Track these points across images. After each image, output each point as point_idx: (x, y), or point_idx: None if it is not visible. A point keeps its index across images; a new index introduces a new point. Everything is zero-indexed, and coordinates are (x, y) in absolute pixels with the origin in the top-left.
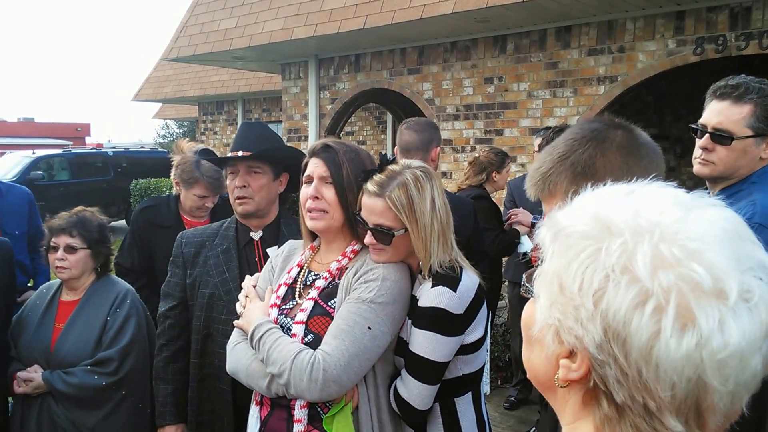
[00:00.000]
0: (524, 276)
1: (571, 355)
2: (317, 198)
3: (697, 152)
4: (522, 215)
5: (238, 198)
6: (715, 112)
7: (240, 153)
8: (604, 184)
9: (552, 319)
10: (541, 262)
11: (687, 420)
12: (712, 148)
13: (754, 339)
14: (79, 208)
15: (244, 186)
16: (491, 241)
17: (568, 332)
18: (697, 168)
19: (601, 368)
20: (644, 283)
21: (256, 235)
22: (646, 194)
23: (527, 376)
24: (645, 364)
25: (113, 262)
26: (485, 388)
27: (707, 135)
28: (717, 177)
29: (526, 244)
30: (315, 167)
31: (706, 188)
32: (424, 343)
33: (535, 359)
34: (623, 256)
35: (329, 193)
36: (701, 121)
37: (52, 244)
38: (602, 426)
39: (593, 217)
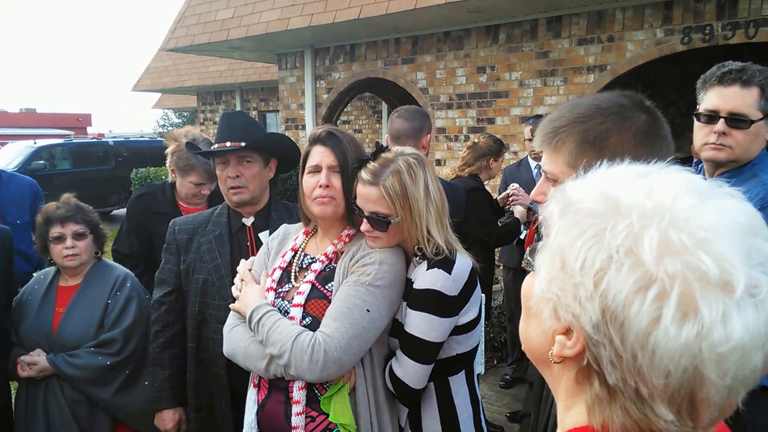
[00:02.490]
0: (527, 249)
1: (567, 332)
2: (328, 186)
3: (708, 138)
4: (523, 196)
5: (233, 188)
6: (728, 98)
7: (228, 144)
8: (609, 163)
9: (550, 294)
10: (545, 236)
11: (679, 410)
12: (729, 133)
13: (758, 335)
14: (66, 196)
15: (238, 176)
16: (490, 233)
17: (566, 309)
18: (711, 153)
19: (596, 348)
20: (648, 268)
21: (248, 221)
22: (660, 177)
23: (522, 347)
24: (641, 349)
25: (111, 249)
26: (479, 368)
27: (722, 120)
28: (732, 161)
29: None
30: (323, 156)
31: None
32: (420, 324)
33: (531, 331)
34: (629, 238)
35: (338, 181)
36: (709, 107)
37: (56, 234)
38: (593, 406)
39: (603, 195)
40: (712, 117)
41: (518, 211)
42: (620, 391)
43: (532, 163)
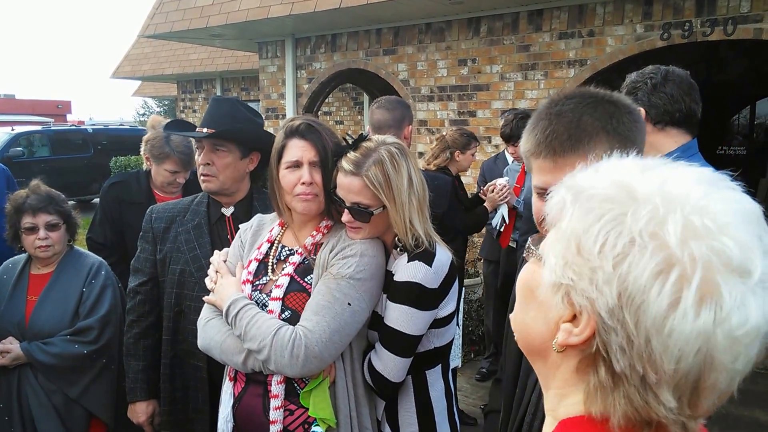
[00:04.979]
0: (530, 239)
1: (573, 319)
2: (311, 183)
3: None
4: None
5: (202, 175)
6: None
7: (204, 130)
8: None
9: (566, 279)
10: (551, 225)
11: (681, 396)
12: None
13: (766, 321)
14: (35, 183)
15: (208, 164)
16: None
17: (581, 294)
18: None
19: (607, 334)
20: (673, 251)
21: (228, 211)
22: (670, 169)
23: (515, 338)
24: (656, 333)
25: (86, 237)
26: (456, 361)
27: None
28: None
29: (496, 220)
30: (303, 151)
31: None
32: (400, 317)
33: (530, 321)
34: (651, 223)
35: (319, 177)
36: None
37: (28, 225)
38: (594, 394)
39: (616, 183)
40: None
41: (490, 200)
42: (625, 378)
43: (509, 158)
